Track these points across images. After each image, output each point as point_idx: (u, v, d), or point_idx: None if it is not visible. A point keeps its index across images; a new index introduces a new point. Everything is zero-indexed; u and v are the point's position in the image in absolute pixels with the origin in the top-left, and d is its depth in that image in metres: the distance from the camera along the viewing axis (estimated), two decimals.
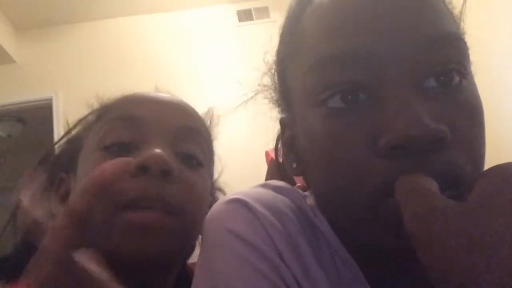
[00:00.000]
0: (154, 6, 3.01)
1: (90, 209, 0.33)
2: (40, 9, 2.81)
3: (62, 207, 0.50)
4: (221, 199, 0.43)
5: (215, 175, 0.61)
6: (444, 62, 0.34)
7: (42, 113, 2.86)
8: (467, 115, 0.34)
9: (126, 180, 0.44)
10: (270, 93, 0.48)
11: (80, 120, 0.56)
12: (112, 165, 0.35)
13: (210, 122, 0.58)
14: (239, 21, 3.12)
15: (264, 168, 0.88)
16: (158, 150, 0.45)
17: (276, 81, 0.47)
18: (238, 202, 0.39)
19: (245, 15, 3.14)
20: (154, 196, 0.44)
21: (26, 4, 2.75)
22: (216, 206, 0.42)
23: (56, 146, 0.57)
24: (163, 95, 0.54)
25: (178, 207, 0.45)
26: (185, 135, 0.50)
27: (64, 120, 2.70)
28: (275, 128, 0.49)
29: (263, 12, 3.12)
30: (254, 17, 3.13)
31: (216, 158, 0.59)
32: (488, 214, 0.25)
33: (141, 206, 0.43)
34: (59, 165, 0.55)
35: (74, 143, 0.54)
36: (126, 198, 0.43)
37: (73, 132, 0.56)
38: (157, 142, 0.47)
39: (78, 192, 0.34)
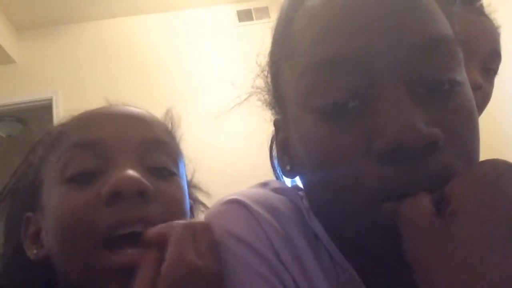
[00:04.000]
0: (154, 6, 3.01)
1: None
2: (40, 9, 2.81)
3: (34, 248, 0.47)
4: (220, 199, 0.42)
5: (188, 176, 0.57)
6: (436, 70, 0.33)
7: (42, 113, 2.85)
8: (460, 118, 0.34)
9: (100, 211, 0.40)
10: (264, 95, 0.48)
11: (29, 153, 0.52)
12: None
13: (171, 124, 0.55)
14: (239, 21, 3.12)
15: (261, 168, 0.87)
16: (128, 171, 0.42)
17: (269, 83, 0.46)
18: (236, 203, 0.39)
19: (245, 15, 3.13)
20: (135, 219, 0.40)
21: (26, 4, 2.74)
22: (214, 207, 0.42)
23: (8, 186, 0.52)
24: (119, 109, 0.50)
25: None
26: (151, 148, 0.47)
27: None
28: (270, 129, 0.49)
29: (263, 12, 3.11)
30: (254, 17, 3.12)
31: (186, 160, 0.55)
32: (461, 234, 0.27)
33: (120, 243, 0.40)
34: (20, 205, 0.50)
35: (30, 178, 0.50)
36: (103, 230, 0.40)
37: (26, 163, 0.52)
38: (124, 162, 0.43)
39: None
